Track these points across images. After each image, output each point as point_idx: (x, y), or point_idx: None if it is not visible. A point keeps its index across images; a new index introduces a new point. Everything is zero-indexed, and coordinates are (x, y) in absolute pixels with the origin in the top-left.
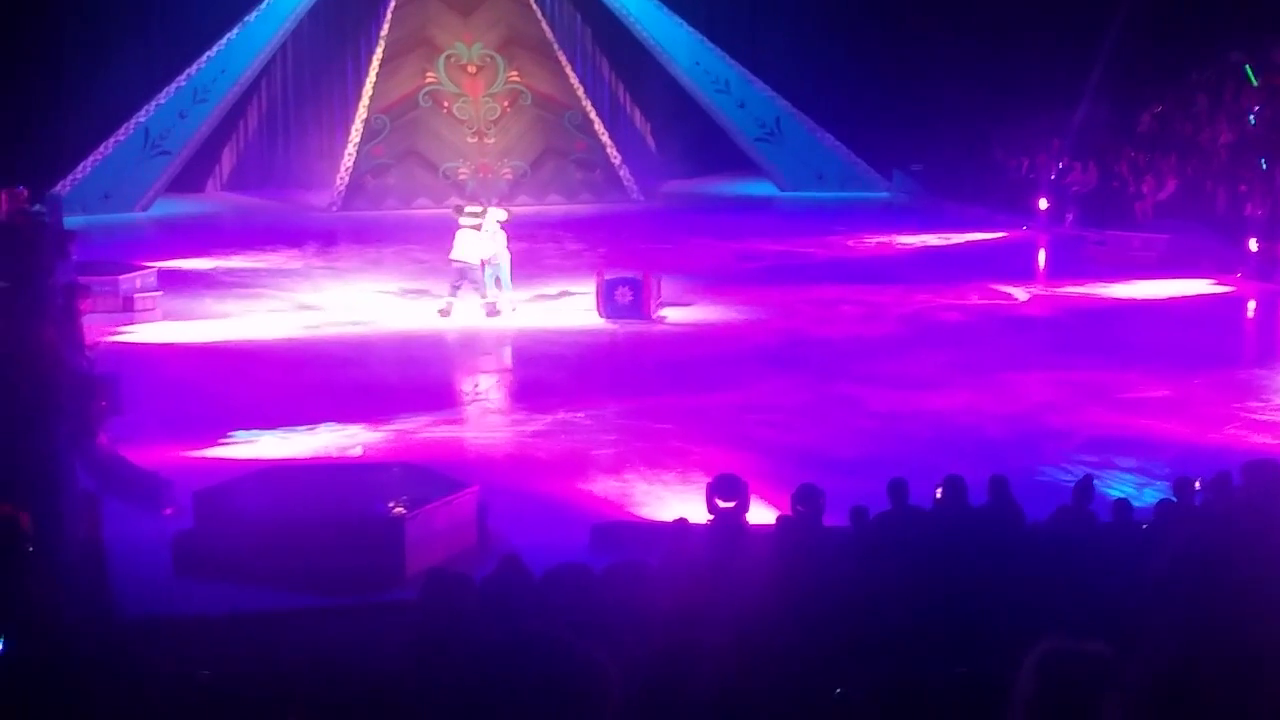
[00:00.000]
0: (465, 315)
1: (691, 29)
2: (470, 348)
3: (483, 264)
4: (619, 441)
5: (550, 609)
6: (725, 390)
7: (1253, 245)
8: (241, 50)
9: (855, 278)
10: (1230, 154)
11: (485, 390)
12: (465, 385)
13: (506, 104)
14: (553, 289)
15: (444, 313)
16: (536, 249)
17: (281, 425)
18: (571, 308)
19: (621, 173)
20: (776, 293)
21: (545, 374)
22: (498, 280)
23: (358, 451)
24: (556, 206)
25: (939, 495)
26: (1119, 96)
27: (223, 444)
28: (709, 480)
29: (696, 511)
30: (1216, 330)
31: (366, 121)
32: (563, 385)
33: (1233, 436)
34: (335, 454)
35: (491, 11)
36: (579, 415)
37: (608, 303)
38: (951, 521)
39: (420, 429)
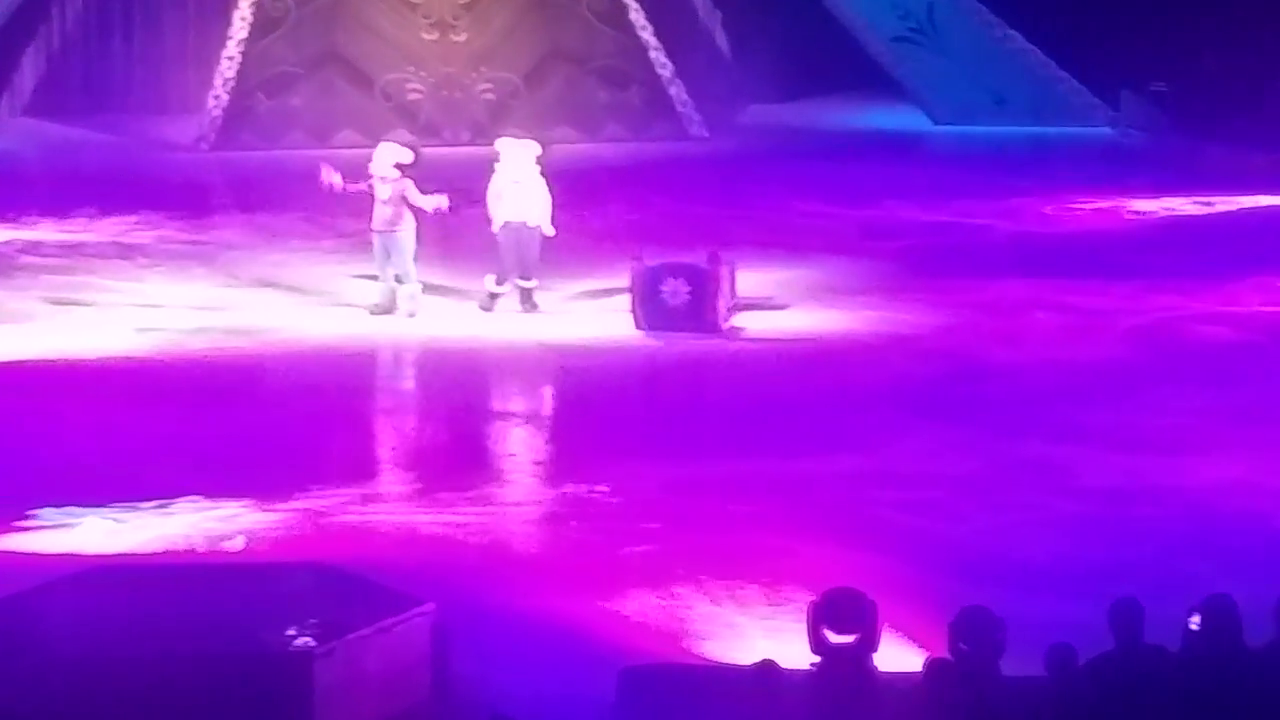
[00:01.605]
0: (411, 324)
1: None
2: (422, 374)
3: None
4: (664, 533)
5: None
6: (841, 451)
7: None
8: None
9: (1056, 267)
10: None
11: (446, 446)
12: (414, 436)
13: None
14: (560, 283)
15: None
16: None
17: (116, 499)
18: (590, 312)
19: (674, 91)
20: (926, 291)
21: (546, 421)
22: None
23: (238, 544)
24: (567, 146)
25: (1195, 627)
26: None
27: (18, 530)
28: (813, 600)
29: (792, 649)
30: None
31: (257, 6)
32: (574, 439)
33: None
34: (202, 547)
35: None
36: (599, 489)
37: (649, 305)
38: (1216, 670)
39: (342, 508)
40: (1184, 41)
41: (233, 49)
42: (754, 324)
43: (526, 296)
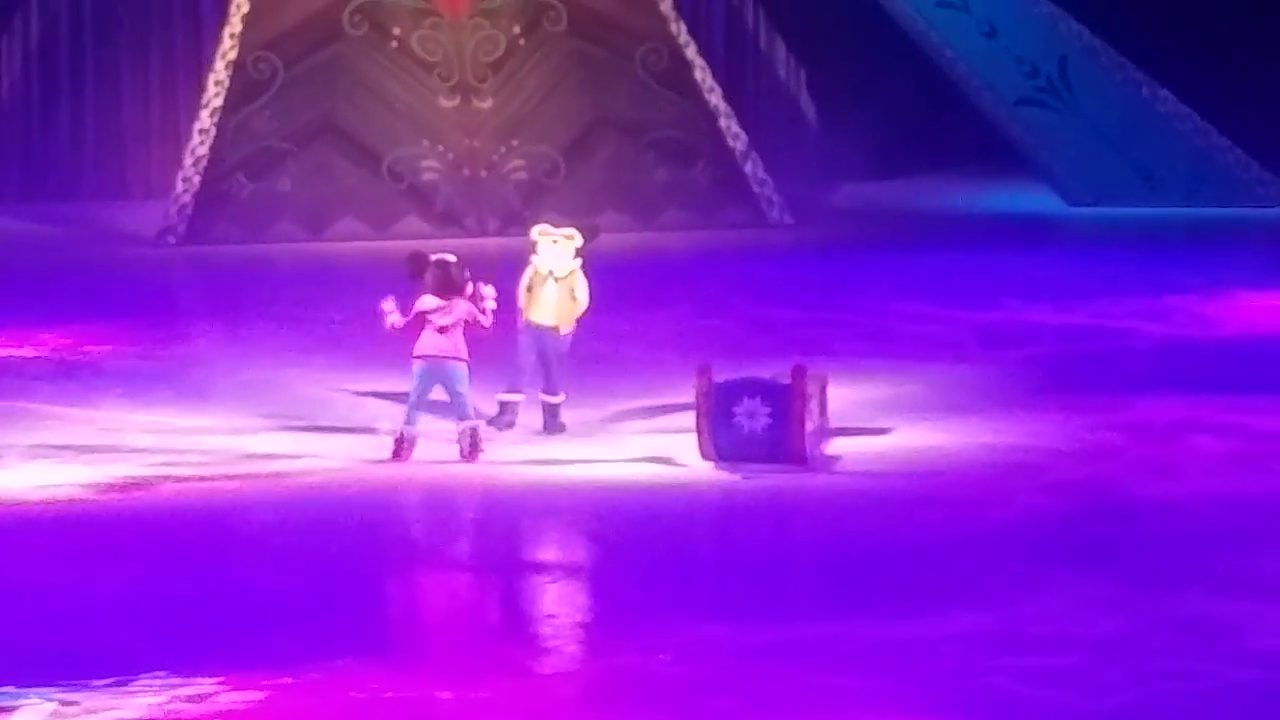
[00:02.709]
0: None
1: None
2: (438, 516)
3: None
4: (740, 712)
5: None
6: (956, 608)
7: None
8: None
9: (1218, 381)
10: None
11: (470, 606)
12: (430, 594)
13: (518, 31)
14: (612, 403)
15: (501, 424)
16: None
17: (62, 677)
18: (649, 439)
19: (749, 168)
20: (1059, 410)
21: (594, 575)
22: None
23: None
24: (618, 236)
25: None
26: None
27: None
28: None
29: None
30: None
31: (236, 66)
32: (628, 598)
33: None
34: None
35: None
36: (660, 658)
37: (721, 431)
38: None
39: (340, 683)
40: None
41: (206, 120)
42: (849, 453)
43: (552, 414)
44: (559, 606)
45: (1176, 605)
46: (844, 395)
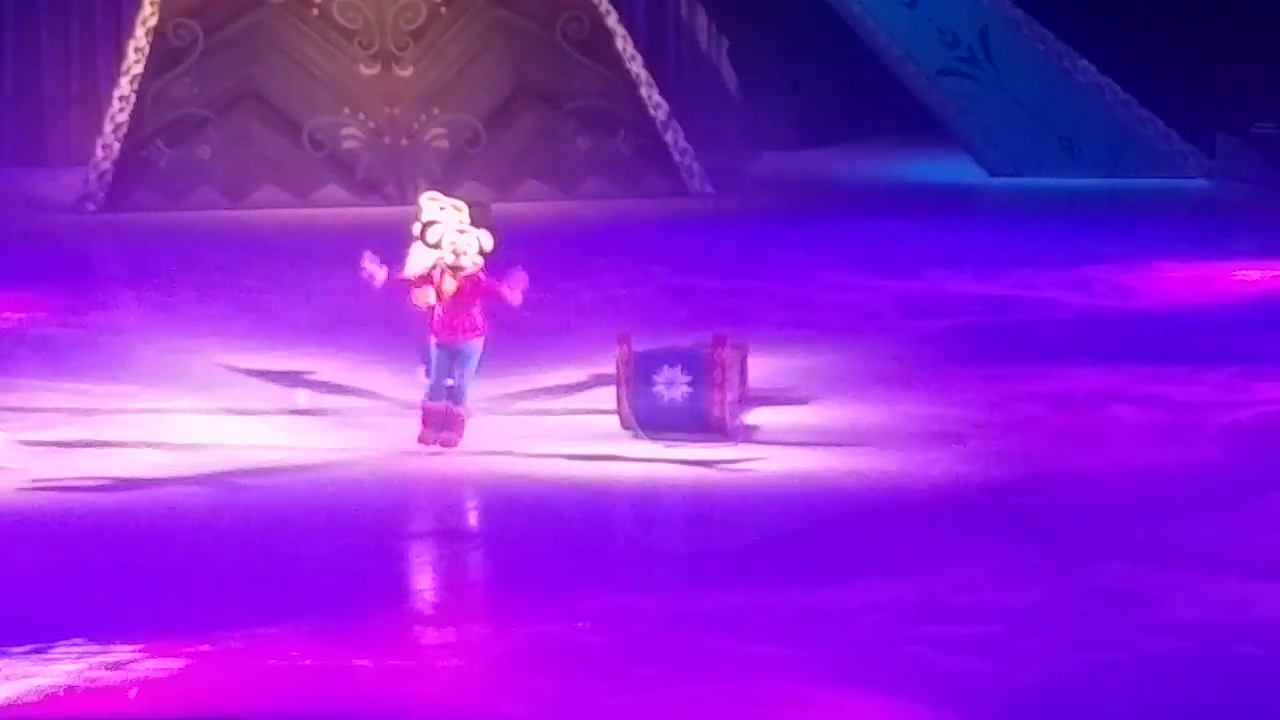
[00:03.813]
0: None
1: None
2: (350, 493)
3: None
4: (660, 679)
5: None
6: (876, 578)
7: None
8: None
9: (1138, 351)
10: None
11: (387, 577)
12: (345, 566)
13: None
14: (530, 374)
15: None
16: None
17: None
18: (567, 409)
19: (670, 137)
20: (980, 381)
21: (513, 545)
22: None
23: (132, 695)
24: (539, 205)
25: None
26: None
27: None
28: None
29: None
30: None
31: (156, 33)
32: (547, 567)
33: None
34: (86, 700)
35: None
36: (579, 626)
37: (640, 401)
38: None
39: (255, 651)
40: None
41: (126, 87)
42: (770, 422)
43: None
44: (478, 576)
45: (1095, 575)
46: (764, 365)
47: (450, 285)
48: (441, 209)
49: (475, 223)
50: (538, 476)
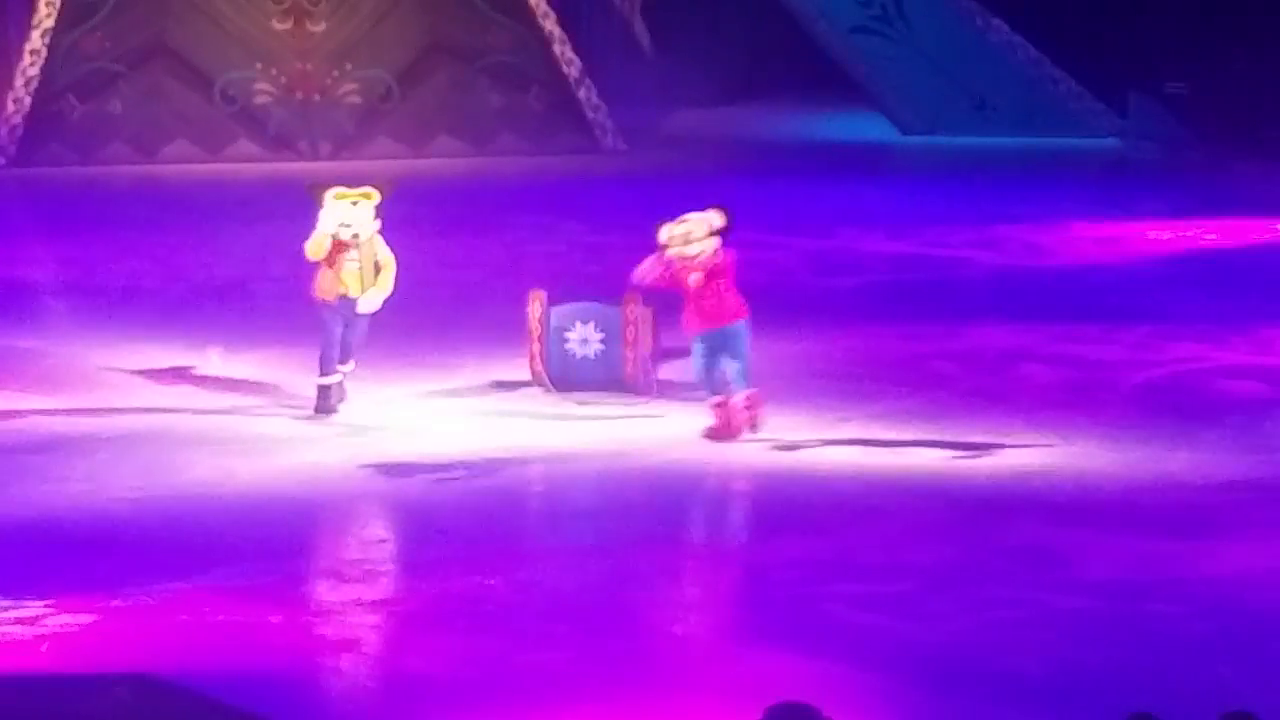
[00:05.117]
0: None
1: None
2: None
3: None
4: (571, 637)
5: None
6: (786, 535)
7: None
8: None
9: (1049, 310)
10: None
11: (300, 535)
12: (259, 523)
13: None
14: (441, 332)
15: (325, 409)
16: (406, 251)
17: None
18: (479, 366)
19: (582, 94)
20: (890, 339)
21: (422, 504)
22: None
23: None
24: (451, 161)
25: None
26: None
27: None
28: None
29: None
30: None
31: None
32: (457, 527)
33: None
34: None
35: None
36: (490, 583)
37: (553, 357)
38: None
39: (170, 605)
40: (1206, 34)
41: (37, 41)
42: (681, 380)
43: (320, 394)
44: (389, 535)
45: (1007, 534)
46: (675, 322)
47: (697, 278)
48: (354, 204)
49: (386, 195)
50: (452, 436)
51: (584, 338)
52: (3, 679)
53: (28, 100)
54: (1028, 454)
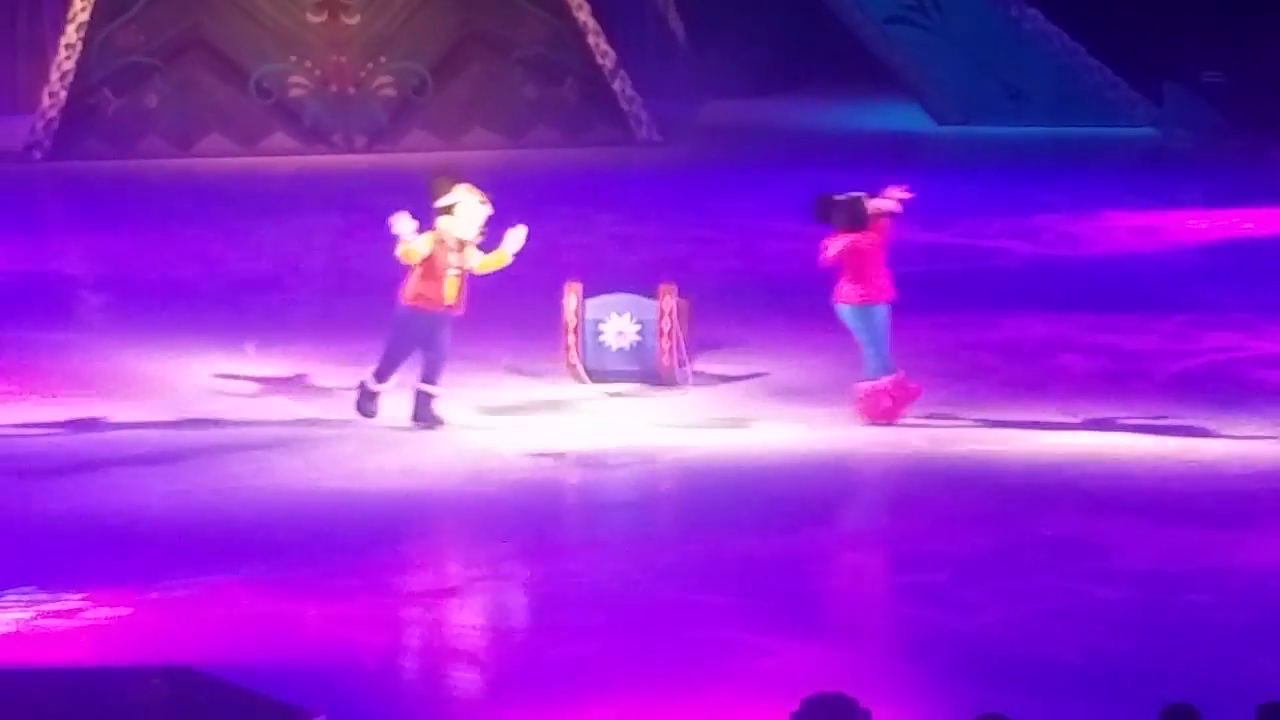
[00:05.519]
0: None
1: None
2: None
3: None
4: (609, 628)
5: None
6: (824, 527)
7: None
8: None
9: (1086, 300)
10: None
11: (339, 526)
12: (297, 516)
13: None
14: (474, 323)
15: (367, 409)
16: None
17: None
18: (514, 357)
19: (617, 85)
20: (928, 329)
21: (459, 497)
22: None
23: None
24: (486, 153)
25: None
26: None
27: None
28: (793, 710)
29: None
30: None
31: None
32: (494, 519)
33: None
34: (33, 649)
35: None
36: (527, 574)
37: (587, 349)
38: None
39: (208, 598)
40: (1242, 23)
41: (72, 35)
42: (716, 371)
43: (425, 404)
44: (425, 529)
45: (1045, 524)
46: (711, 314)
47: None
48: (481, 202)
49: (439, 193)
50: (487, 428)
51: (619, 329)
52: (42, 671)
53: (63, 94)
54: (1064, 443)
